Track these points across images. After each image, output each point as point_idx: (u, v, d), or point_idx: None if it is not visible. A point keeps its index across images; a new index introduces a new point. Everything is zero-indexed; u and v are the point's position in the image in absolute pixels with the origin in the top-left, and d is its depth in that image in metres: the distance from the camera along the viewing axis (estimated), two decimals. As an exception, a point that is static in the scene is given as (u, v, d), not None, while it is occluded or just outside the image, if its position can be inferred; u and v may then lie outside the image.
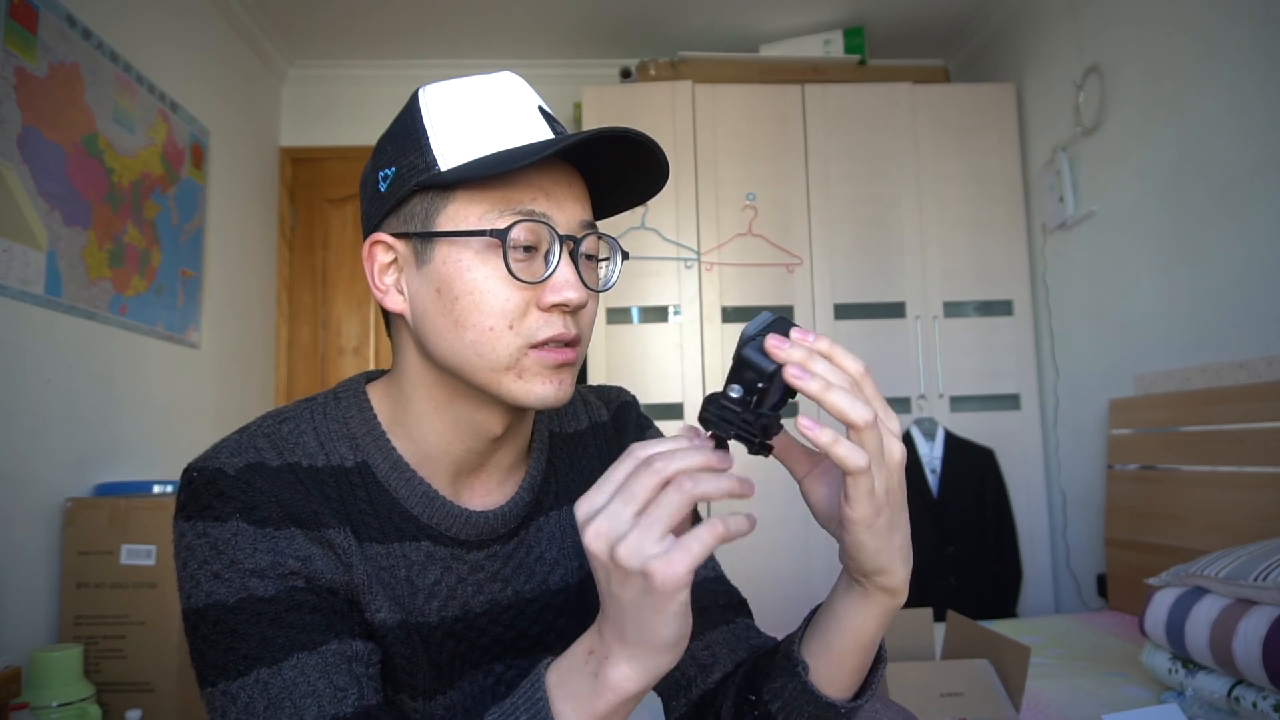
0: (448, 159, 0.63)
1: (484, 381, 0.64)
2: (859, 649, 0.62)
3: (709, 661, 0.75)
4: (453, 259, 0.63)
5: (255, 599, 0.59)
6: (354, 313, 3.37)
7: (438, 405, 0.68)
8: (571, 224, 0.64)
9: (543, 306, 0.63)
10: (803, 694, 0.63)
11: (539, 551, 0.75)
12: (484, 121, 0.64)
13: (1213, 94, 2.06)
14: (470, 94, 0.66)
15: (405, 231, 0.65)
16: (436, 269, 0.63)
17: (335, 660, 0.59)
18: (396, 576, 0.66)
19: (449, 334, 0.63)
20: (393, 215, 0.66)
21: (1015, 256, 2.86)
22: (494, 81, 0.67)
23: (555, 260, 0.62)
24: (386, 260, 0.67)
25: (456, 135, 0.64)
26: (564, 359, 0.64)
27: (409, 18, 3.07)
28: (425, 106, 0.66)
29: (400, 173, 0.65)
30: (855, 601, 0.61)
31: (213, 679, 0.58)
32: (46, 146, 1.89)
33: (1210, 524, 1.93)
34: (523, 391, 0.63)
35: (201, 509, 0.60)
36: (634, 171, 0.68)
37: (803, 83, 2.91)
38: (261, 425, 0.66)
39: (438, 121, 0.65)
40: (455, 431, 0.68)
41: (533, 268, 0.63)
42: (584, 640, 0.55)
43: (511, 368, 0.63)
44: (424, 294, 0.64)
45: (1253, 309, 1.95)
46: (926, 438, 2.66)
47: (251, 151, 3.10)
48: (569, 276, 0.63)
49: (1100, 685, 1.54)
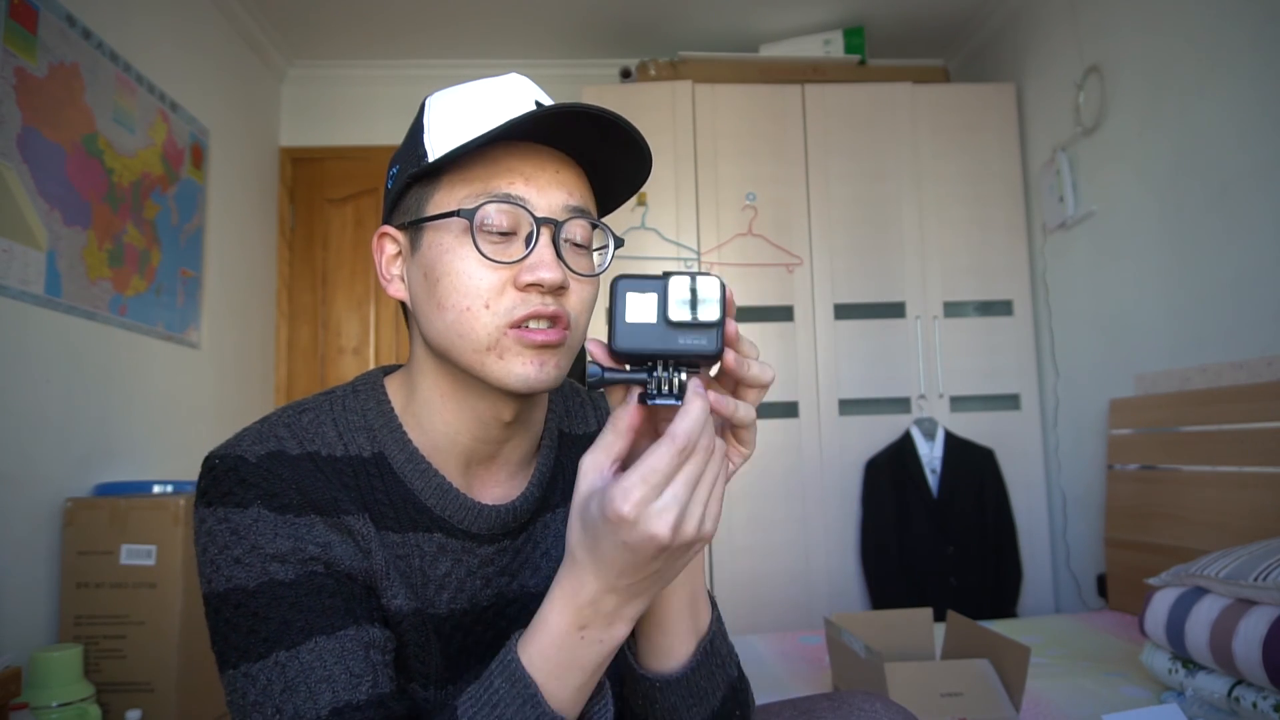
0: (436, 150, 0.66)
1: (469, 363, 0.65)
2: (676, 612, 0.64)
3: None
4: (436, 243, 0.65)
5: (276, 583, 0.60)
6: (354, 313, 3.37)
7: (444, 394, 0.69)
8: (554, 208, 0.65)
9: (519, 286, 0.63)
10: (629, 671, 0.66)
11: (545, 548, 0.76)
12: (477, 116, 0.66)
13: (1212, 94, 2.06)
14: (472, 95, 0.69)
15: (403, 222, 0.69)
16: (424, 255, 0.66)
17: (352, 646, 0.60)
18: (411, 566, 0.68)
19: (435, 316, 0.65)
20: (395, 209, 0.70)
21: (1015, 256, 2.86)
22: (498, 82, 0.70)
23: (534, 242, 0.63)
24: (393, 252, 0.71)
25: (448, 129, 0.67)
26: (546, 339, 0.63)
27: (409, 18, 3.07)
28: (429, 109, 0.70)
29: (400, 169, 0.70)
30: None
31: (234, 661, 0.59)
32: (46, 146, 1.89)
33: (1210, 524, 1.93)
34: (504, 372, 0.63)
35: (223, 495, 0.62)
36: (624, 159, 0.68)
37: (803, 83, 2.91)
38: (282, 415, 0.68)
39: (436, 120, 0.68)
40: (462, 420, 0.69)
41: (510, 249, 0.64)
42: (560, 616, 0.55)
43: (492, 348, 0.63)
44: (417, 280, 0.67)
45: (1252, 309, 1.95)
46: (926, 438, 2.66)
47: (251, 151, 3.10)
48: (545, 256, 0.63)
49: (1100, 685, 1.54)
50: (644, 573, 0.53)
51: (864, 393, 2.77)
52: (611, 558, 0.52)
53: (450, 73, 3.36)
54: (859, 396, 2.76)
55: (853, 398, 2.76)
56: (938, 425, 2.68)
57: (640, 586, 0.54)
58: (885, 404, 2.78)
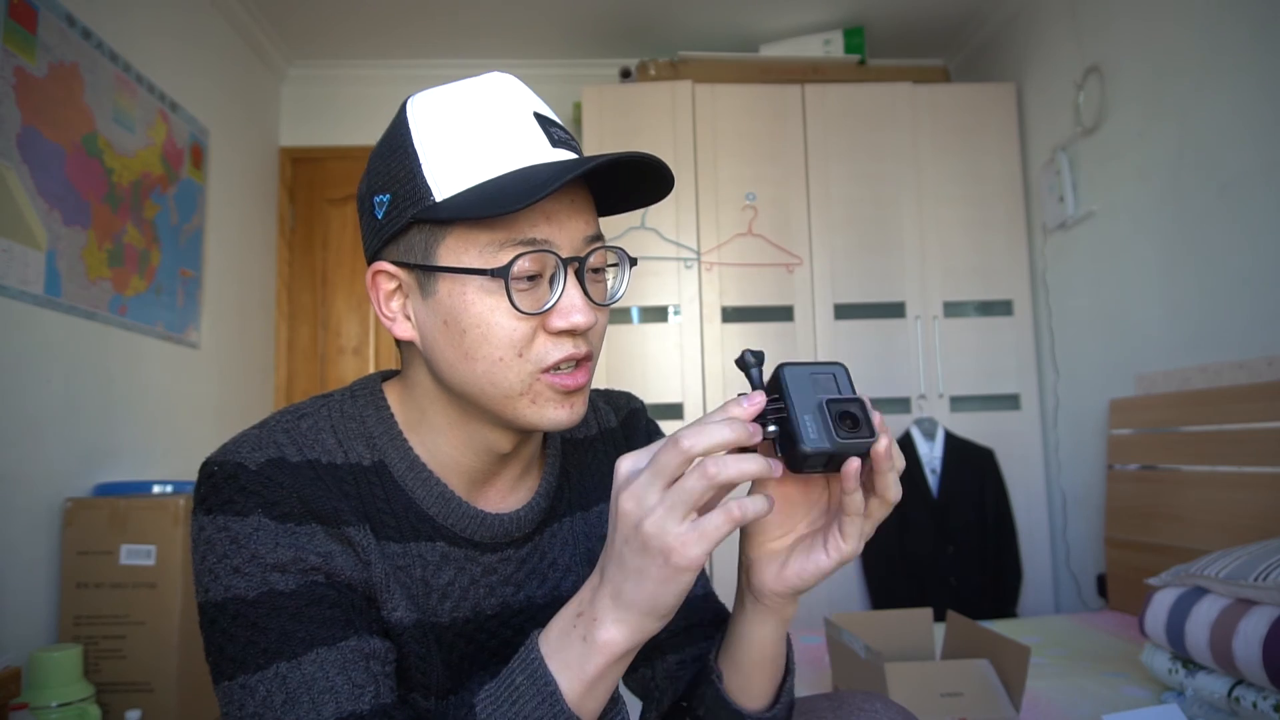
0: (442, 188, 0.61)
1: (498, 408, 0.64)
2: (764, 661, 0.66)
3: (681, 675, 0.77)
4: (456, 293, 0.62)
5: (276, 593, 0.59)
6: (354, 313, 3.37)
7: (451, 422, 0.68)
8: (575, 243, 0.63)
9: (551, 331, 0.62)
10: (718, 701, 0.66)
11: (552, 557, 0.75)
12: (476, 140, 0.62)
13: (1213, 94, 2.06)
14: (460, 105, 0.64)
15: (407, 262, 0.64)
16: (442, 302, 0.63)
17: (354, 657, 0.59)
18: (412, 576, 0.67)
19: (460, 364, 0.63)
20: (392, 244, 0.65)
21: (1015, 256, 2.86)
22: (484, 88, 0.65)
23: (561, 285, 0.62)
24: (390, 287, 0.66)
25: (449, 160, 0.62)
26: (578, 384, 0.64)
27: (409, 17, 3.07)
28: (415, 123, 0.64)
29: (395, 201, 0.63)
30: (761, 618, 0.64)
31: (230, 672, 0.58)
32: (46, 146, 1.89)
33: (1210, 524, 1.93)
34: (537, 416, 0.64)
35: (222, 503, 0.60)
36: (640, 179, 0.67)
37: (803, 83, 2.91)
38: (280, 420, 0.66)
39: (428, 143, 0.63)
40: (468, 446, 0.69)
41: (537, 294, 0.62)
42: (572, 603, 0.56)
43: (525, 393, 0.63)
44: (431, 324, 0.64)
45: (1253, 309, 1.95)
46: (926, 438, 2.66)
47: (251, 151, 3.10)
48: (575, 301, 0.62)
49: (1100, 685, 1.53)
50: (627, 566, 0.52)
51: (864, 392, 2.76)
52: (609, 541, 0.54)
53: (450, 73, 3.33)
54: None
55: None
56: (938, 425, 2.68)
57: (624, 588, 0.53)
58: (885, 404, 2.77)
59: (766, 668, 0.66)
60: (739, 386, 2.71)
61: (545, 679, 0.54)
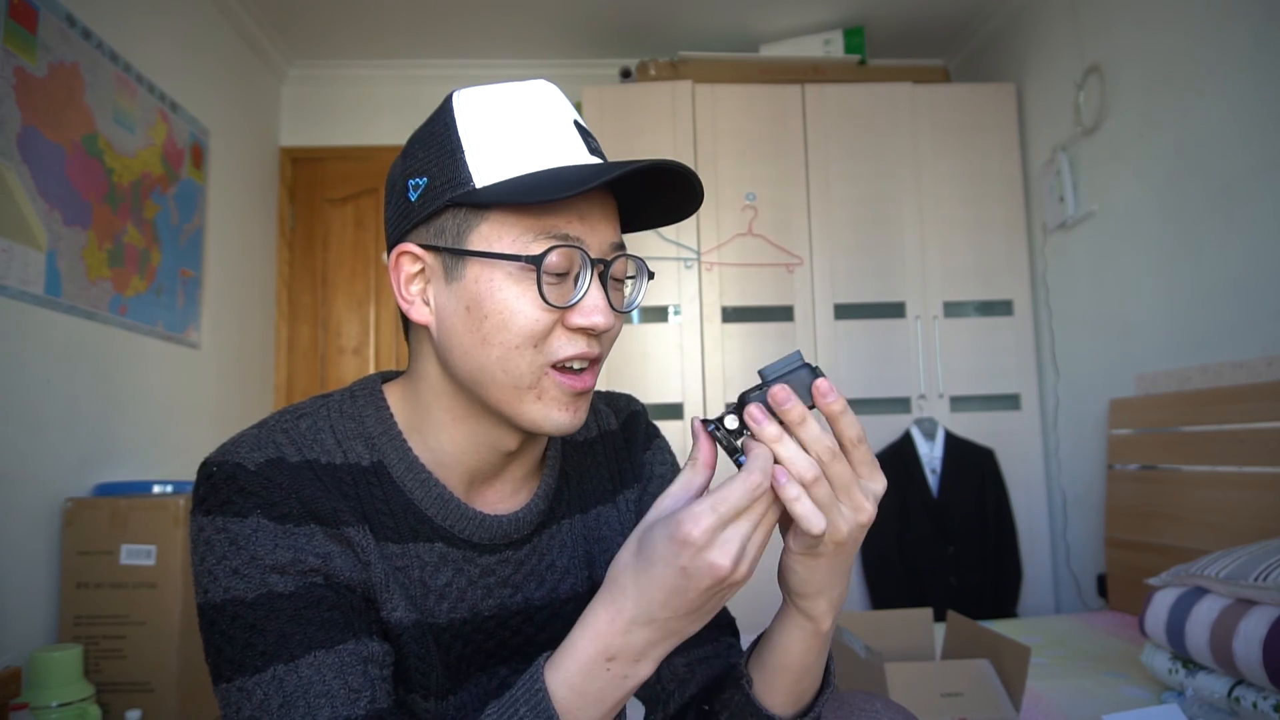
0: (483, 176, 0.62)
1: (503, 399, 0.64)
2: (786, 669, 0.65)
3: (688, 677, 0.77)
4: (484, 278, 0.62)
5: (275, 595, 0.59)
6: (354, 313, 3.37)
7: (456, 417, 0.68)
8: (603, 247, 0.64)
9: (569, 327, 0.63)
10: (746, 705, 0.66)
11: (550, 559, 0.75)
12: (520, 137, 0.63)
13: (1213, 94, 2.06)
14: (506, 104, 0.65)
15: (436, 245, 0.64)
16: (467, 287, 0.63)
17: (351, 660, 0.59)
18: (410, 577, 0.67)
19: (475, 350, 0.63)
20: (422, 226, 0.65)
21: (1015, 256, 2.86)
22: (530, 91, 0.66)
23: (585, 284, 0.63)
24: (413, 270, 0.66)
25: (492, 151, 0.63)
26: (584, 387, 0.65)
27: (409, 18, 3.07)
28: (460, 115, 0.65)
29: (432, 184, 0.64)
30: (783, 620, 0.65)
31: (229, 674, 0.58)
32: (46, 146, 1.89)
33: (1210, 524, 1.93)
34: (540, 416, 0.64)
35: (221, 504, 0.60)
36: (666, 192, 0.67)
37: (803, 83, 2.91)
38: (279, 421, 0.66)
39: (473, 133, 0.64)
40: (472, 443, 0.69)
41: (563, 290, 0.63)
42: (590, 642, 0.56)
43: (533, 387, 0.63)
44: (452, 309, 0.64)
45: (1253, 309, 1.95)
46: (926, 438, 2.66)
47: (251, 151, 3.10)
48: (598, 301, 0.63)
49: (1100, 685, 1.54)
50: (687, 606, 0.54)
51: (864, 392, 2.77)
52: (661, 583, 0.53)
53: (450, 73, 3.36)
54: (859, 396, 2.76)
55: (852, 398, 2.76)
56: (938, 425, 2.68)
57: (676, 624, 0.55)
58: (885, 404, 2.78)
59: (788, 675, 0.65)
60: (739, 387, 2.71)
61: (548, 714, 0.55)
